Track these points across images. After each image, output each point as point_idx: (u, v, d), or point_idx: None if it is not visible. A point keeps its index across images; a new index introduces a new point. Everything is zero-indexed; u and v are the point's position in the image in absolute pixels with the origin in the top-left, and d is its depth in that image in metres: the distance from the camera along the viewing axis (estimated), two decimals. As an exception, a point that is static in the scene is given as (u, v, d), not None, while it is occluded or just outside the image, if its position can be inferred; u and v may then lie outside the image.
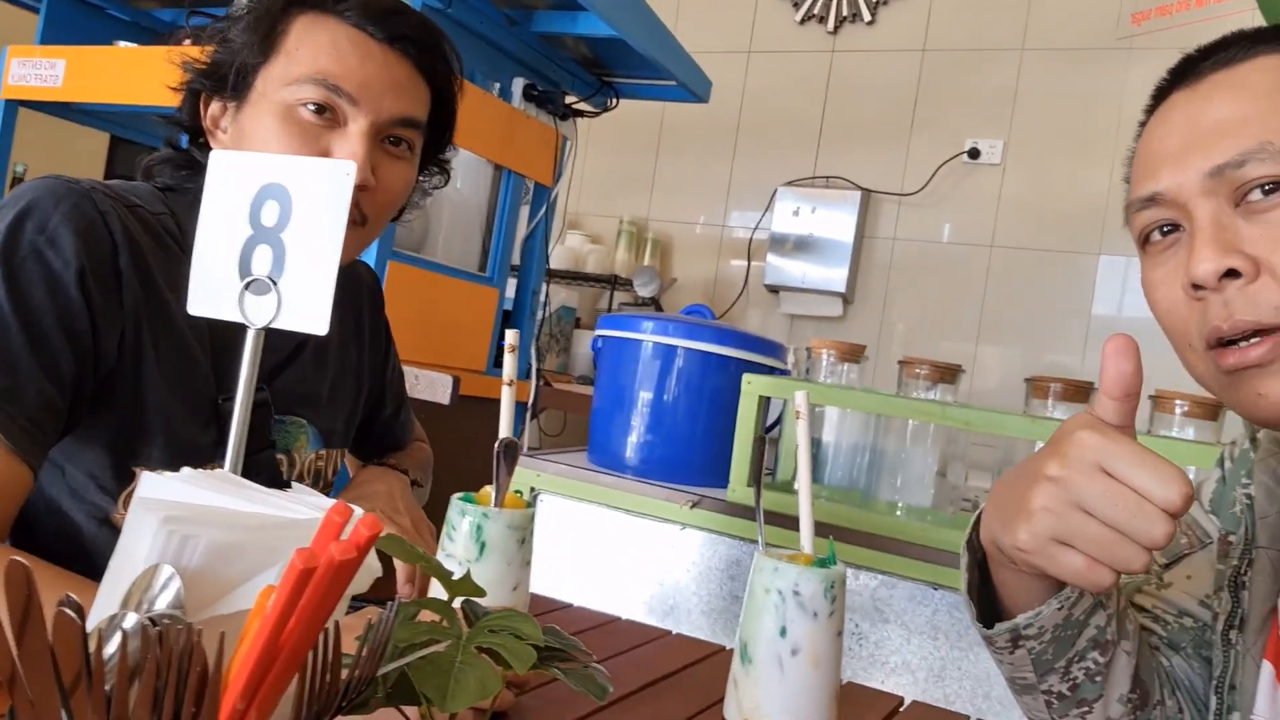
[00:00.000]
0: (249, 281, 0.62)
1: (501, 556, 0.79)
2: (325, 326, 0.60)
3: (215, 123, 1.01)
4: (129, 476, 0.95)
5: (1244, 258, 0.64)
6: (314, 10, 0.98)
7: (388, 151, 0.99)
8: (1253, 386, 0.65)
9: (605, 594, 1.79)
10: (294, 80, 0.95)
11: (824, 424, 1.80)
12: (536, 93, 2.32)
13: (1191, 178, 0.67)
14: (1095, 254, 3.35)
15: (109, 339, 0.89)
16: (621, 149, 3.88)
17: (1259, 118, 0.66)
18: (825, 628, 0.73)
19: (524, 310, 2.48)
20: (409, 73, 0.99)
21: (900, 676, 1.56)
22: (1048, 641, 0.71)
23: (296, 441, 1.08)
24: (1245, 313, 0.64)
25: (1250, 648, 0.72)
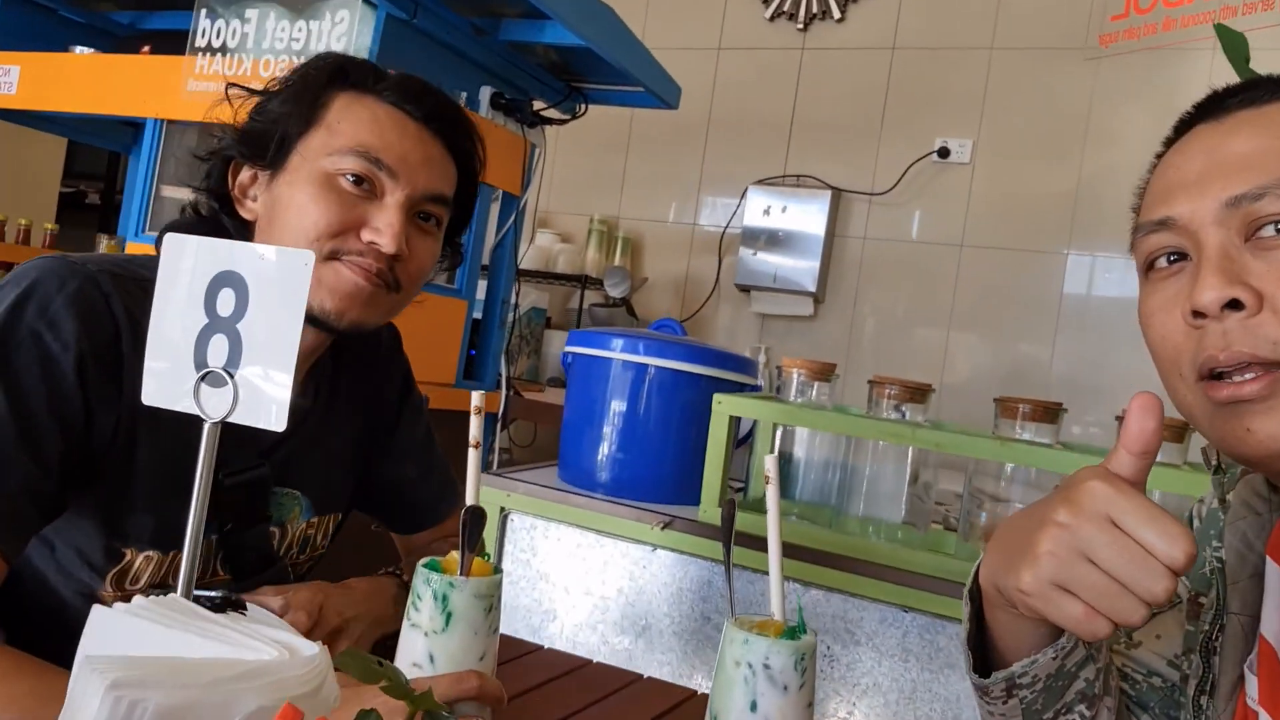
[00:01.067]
0: (205, 373, 0.60)
1: (469, 626, 0.78)
2: (284, 423, 0.59)
3: (244, 190, 1.02)
4: (118, 556, 0.95)
5: (1248, 290, 0.64)
6: (354, 89, 1.01)
7: (418, 226, 1.02)
8: (1243, 421, 0.65)
9: (578, 612, 1.78)
10: (335, 151, 0.97)
11: (795, 440, 1.79)
12: (504, 101, 2.30)
13: (1208, 205, 0.67)
14: (1064, 253, 3.37)
15: (103, 424, 0.89)
16: (591, 148, 3.86)
17: (1278, 155, 0.66)
18: (795, 701, 0.73)
19: (494, 320, 2.46)
20: (441, 151, 1.03)
21: (871, 698, 1.57)
22: (1039, 691, 0.72)
23: (290, 513, 1.07)
24: (1243, 344, 0.64)
25: (1220, 713, 0.73)
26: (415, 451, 1.23)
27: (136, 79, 2.19)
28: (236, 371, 0.59)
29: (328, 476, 1.11)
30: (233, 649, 0.44)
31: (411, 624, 0.79)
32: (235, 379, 0.59)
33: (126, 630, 0.45)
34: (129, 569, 0.95)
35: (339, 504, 1.16)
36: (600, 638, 1.77)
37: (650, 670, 1.72)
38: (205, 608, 0.88)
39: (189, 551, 0.56)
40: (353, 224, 0.97)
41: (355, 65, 1.03)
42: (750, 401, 1.72)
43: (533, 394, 2.84)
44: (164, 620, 0.45)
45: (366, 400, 1.17)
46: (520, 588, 1.84)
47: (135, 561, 0.95)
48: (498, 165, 2.32)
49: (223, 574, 1.03)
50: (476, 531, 0.79)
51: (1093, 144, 3.35)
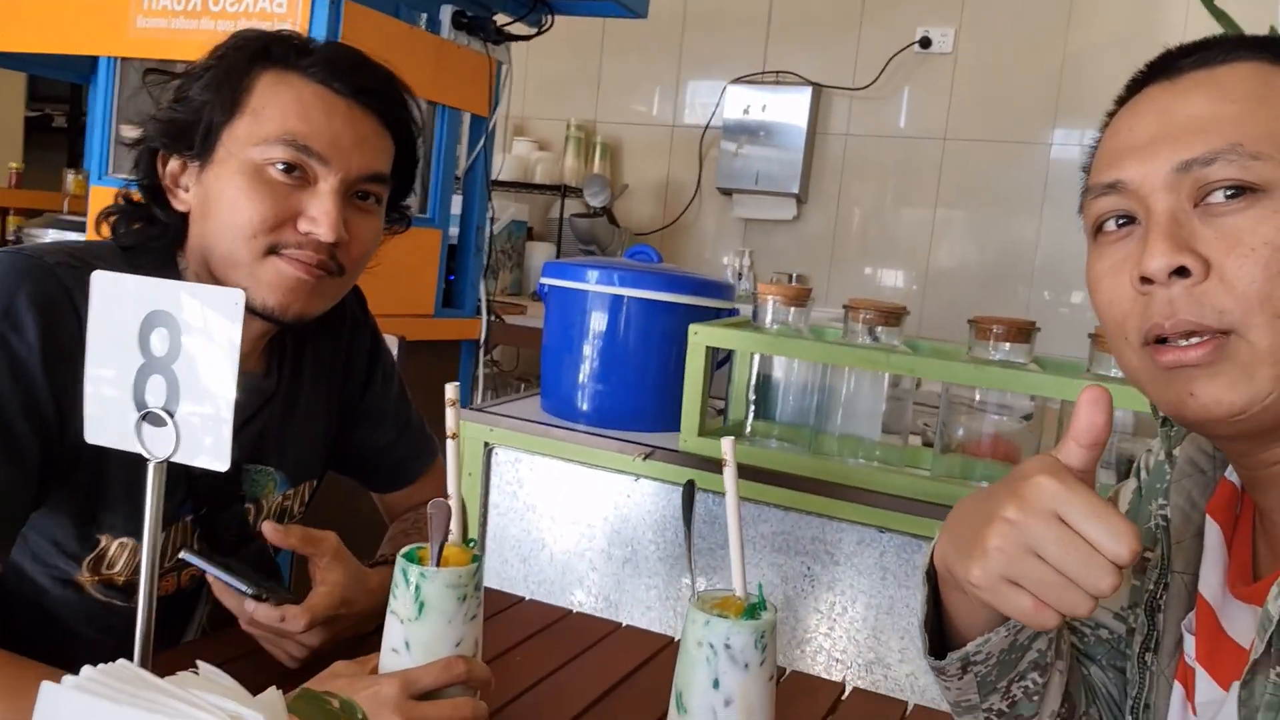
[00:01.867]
0: (145, 413, 0.60)
1: (441, 615, 0.80)
2: (227, 462, 0.59)
3: (175, 180, 1.00)
4: (93, 543, 0.96)
5: (1196, 257, 0.64)
6: (277, 67, 0.97)
7: (357, 206, 1.00)
8: (1185, 386, 0.66)
9: (566, 540, 1.82)
10: (262, 140, 0.94)
11: (773, 362, 1.80)
12: (466, 20, 2.22)
13: (1158, 170, 0.67)
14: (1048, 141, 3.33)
15: (75, 418, 0.88)
16: (565, 49, 3.75)
17: (1232, 119, 0.65)
18: (757, 677, 0.75)
19: (469, 244, 2.44)
20: (374, 127, 1.00)
21: (851, 615, 1.62)
22: (993, 665, 0.74)
23: (264, 489, 1.08)
24: (1188, 312, 0.64)
25: (1164, 669, 0.76)
26: (388, 412, 1.23)
27: (84, 15, 2.11)
28: (176, 411, 0.59)
29: (300, 448, 1.12)
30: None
31: (391, 610, 0.82)
32: (175, 419, 0.59)
33: (75, 706, 0.46)
34: (104, 555, 0.97)
35: (313, 471, 1.17)
36: (589, 564, 1.81)
37: (638, 593, 1.77)
38: (248, 595, 0.89)
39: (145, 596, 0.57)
40: (287, 215, 0.94)
41: (278, 42, 0.98)
42: (726, 332, 1.72)
43: (514, 316, 2.83)
44: (111, 696, 0.47)
45: (334, 366, 1.17)
46: (509, 519, 1.87)
47: (110, 548, 0.97)
48: (463, 87, 2.26)
49: None
50: (445, 523, 0.80)
51: (1076, 23, 3.26)
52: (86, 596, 0.98)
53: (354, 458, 1.21)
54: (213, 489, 1.02)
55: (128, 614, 1.01)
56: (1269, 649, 0.63)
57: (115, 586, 0.99)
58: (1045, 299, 3.33)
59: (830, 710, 0.99)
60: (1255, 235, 0.63)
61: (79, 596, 0.98)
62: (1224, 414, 0.65)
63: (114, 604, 0.99)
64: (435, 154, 2.24)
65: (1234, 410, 0.64)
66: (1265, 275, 0.62)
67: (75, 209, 3.23)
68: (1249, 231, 0.63)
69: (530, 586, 1.85)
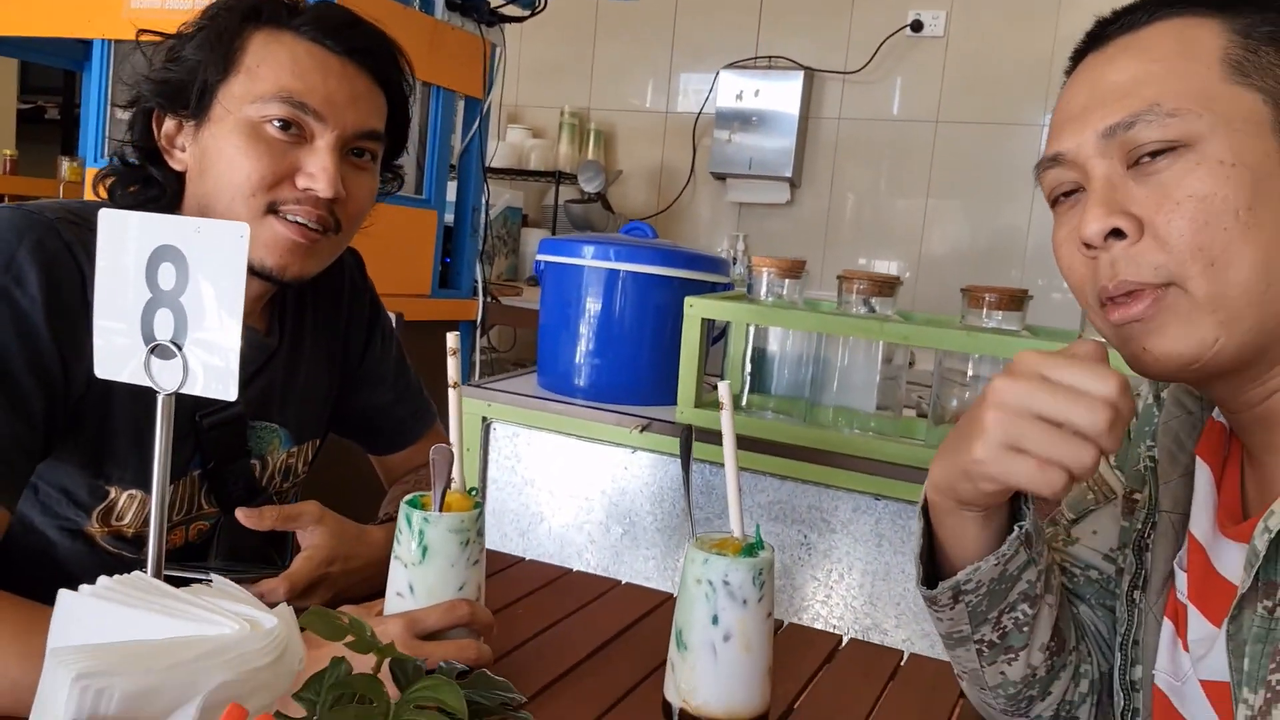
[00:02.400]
0: (154, 346, 0.61)
1: (444, 559, 0.81)
2: (235, 392, 0.60)
3: (171, 141, 1.00)
4: (102, 494, 0.97)
5: (1129, 219, 0.67)
6: (270, 26, 0.98)
7: (353, 163, 1.01)
8: (1139, 342, 0.68)
9: (565, 514, 1.83)
10: (258, 98, 0.95)
11: (768, 335, 1.82)
12: (460, 1, 2.23)
13: (1089, 138, 0.70)
14: (1040, 123, 3.34)
15: (79, 371, 0.90)
16: (557, 36, 3.76)
17: (1152, 80, 0.67)
18: (755, 613, 0.77)
19: (465, 226, 2.45)
20: (368, 84, 1.01)
21: (848, 581, 1.64)
22: (984, 595, 0.76)
23: (269, 445, 1.09)
24: (1128, 272, 0.67)
25: (1152, 606, 0.77)
26: (388, 375, 1.25)
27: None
28: (184, 344, 0.60)
29: (303, 407, 1.14)
30: (195, 625, 0.46)
31: (395, 555, 0.83)
32: (183, 351, 0.60)
33: (92, 613, 0.48)
34: (114, 506, 0.98)
35: (316, 431, 1.18)
36: (587, 537, 1.83)
37: (636, 564, 1.78)
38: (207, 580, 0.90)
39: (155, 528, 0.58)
40: (285, 172, 0.96)
41: (268, 1, 0.99)
42: (722, 304, 1.73)
43: (510, 298, 2.85)
44: (127, 601, 0.48)
45: (334, 328, 1.18)
46: (507, 493, 1.89)
47: (119, 500, 0.98)
48: (458, 68, 2.27)
49: (208, 507, 1.06)
50: (447, 469, 0.81)
51: (1067, 5, 3.27)
52: (96, 548, 0.99)
53: (355, 419, 1.23)
54: (220, 443, 1.03)
55: (136, 565, 1.02)
56: (1255, 583, 0.65)
57: (124, 538, 1.00)
58: (1039, 285, 3.34)
59: (828, 658, 1.00)
60: (1181, 189, 0.65)
61: (89, 548, 0.99)
62: (1176, 365, 0.68)
63: (123, 555, 1.00)
64: (430, 135, 2.25)
65: (1185, 360, 0.67)
66: (1193, 227, 0.65)
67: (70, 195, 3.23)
68: (1175, 186, 0.66)
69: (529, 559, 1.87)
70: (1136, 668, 0.78)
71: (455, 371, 0.81)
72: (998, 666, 0.80)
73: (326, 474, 1.23)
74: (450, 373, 0.81)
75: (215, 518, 1.07)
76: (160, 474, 0.62)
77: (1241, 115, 0.65)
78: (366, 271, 1.25)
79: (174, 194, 1.02)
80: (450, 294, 2.40)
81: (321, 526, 0.99)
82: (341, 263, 1.20)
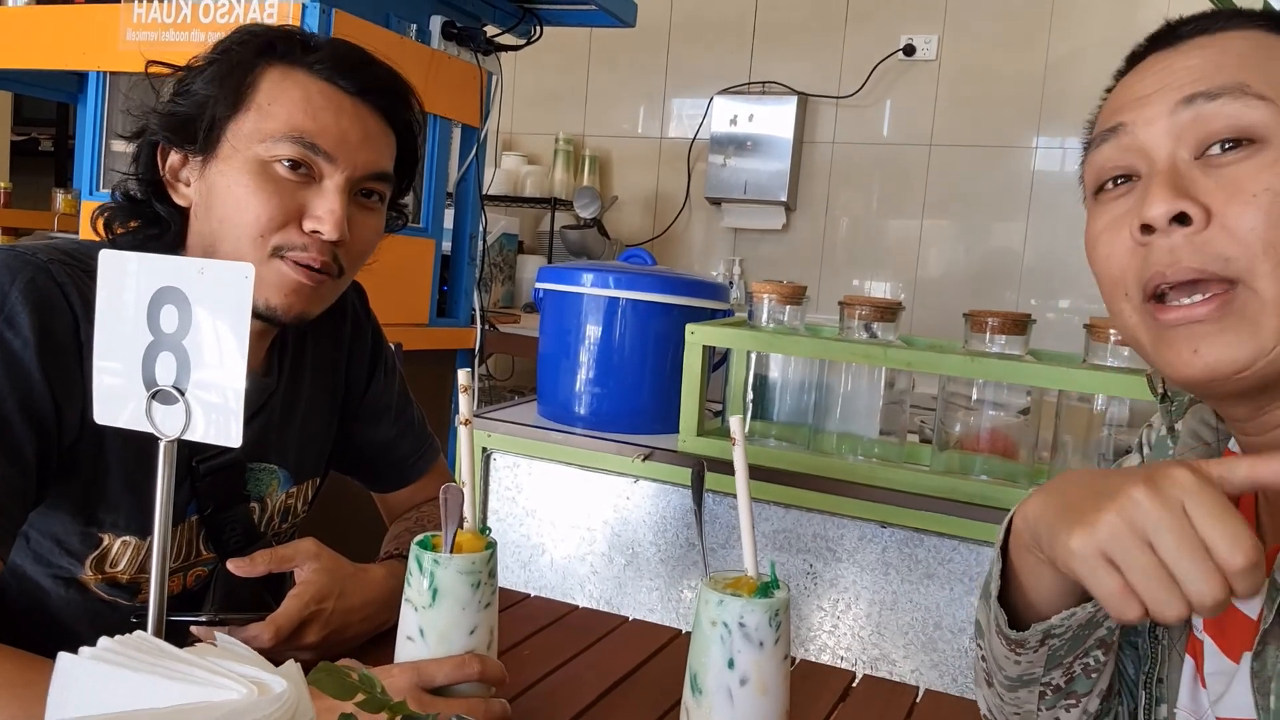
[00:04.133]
0: (155, 391, 0.59)
1: (455, 602, 0.79)
2: (239, 439, 0.59)
3: (175, 174, 0.99)
4: (95, 542, 0.95)
5: (1197, 205, 0.63)
6: (284, 63, 0.96)
7: (360, 204, 0.99)
8: (1189, 343, 0.65)
9: (567, 545, 1.81)
10: (269, 136, 0.94)
11: (769, 362, 1.81)
12: (456, 30, 2.23)
13: (1160, 111, 0.66)
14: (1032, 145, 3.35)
15: (71, 414, 0.88)
16: (552, 64, 3.77)
17: (1232, 68, 0.65)
18: (772, 655, 0.75)
19: (463, 254, 2.43)
20: (379, 125, 0.99)
21: (855, 611, 1.62)
22: (1069, 639, 0.71)
23: (268, 487, 1.08)
24: (1191, 259, 0.63)
25: (1175, 643, 0.75)
26: (391, 411, 1.23)
27: (72, 30, 2.11)
28: (186, 388, 0.59)
29: (302, 446, 1.12)
30: (201, 689, 0.45)
31: (405, 598, 0.81)
32: (186, 396, 0.59)
33: (92, 677, 0.46)
34: (107, 554, 0.96)
35: (316, 469, 1.16)
36: (589, 568, 1.81)
37: (639, 595, 1.76)
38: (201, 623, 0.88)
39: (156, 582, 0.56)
40: (294, 214, 0.94)
41: (283, 37, 0.98)
42: (723, 330, 1.72)
43: (508, 325, 2.83)
44: (129, 664, 0.46)
45: (335, 363, 1.17)
46: (508, 524, 1.86)
47: (114, 547, 0.96)
48: (454, 97, 2.26)
49: (206, 553, 1.04)
50: (458, 508, 0.79)
51: (1058, 29, 3.29)
52: (90, 596, 0.97)
53: (356, 456, 1.21)
54: (217, 487, 1.01)
55: (131, 613, 1.00)
56: (1278, 617, 0.63)
57: (119, 585, 0.98)
58: (1032, 304, 3.34)
59: (841, 697, 0.98)
60: (1256, 182, 0.62)
61: (82, 597, 0.97)
62: (1228, 371, 0.64)
63: (118, 603, 0.98)
64: (428, 164, 2.24)
65: (1237, 366, 0.64)
66: (1267, 222, 0.62)
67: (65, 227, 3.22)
68: (1249, 179, 0.63)
69: (531, 591, 1.84)
70: (1161, 706, 0.76)
71: (468, 409, 0.80)
72: (1054, 711, 0.76)
73: (326, 513, 1.21)
74: (462, 410, 0.79)
75: (213, 563, 1.04)
76: (162, 524, 0.61)
77: None
78: (369, 303, 1.24)
79: (177, 231, 1.00)
80: (448, 323, 2.39)
81: (314, 562, 0.96)
82: (343, 296, 1.19)
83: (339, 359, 1.17)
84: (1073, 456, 1.58)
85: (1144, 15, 3.20)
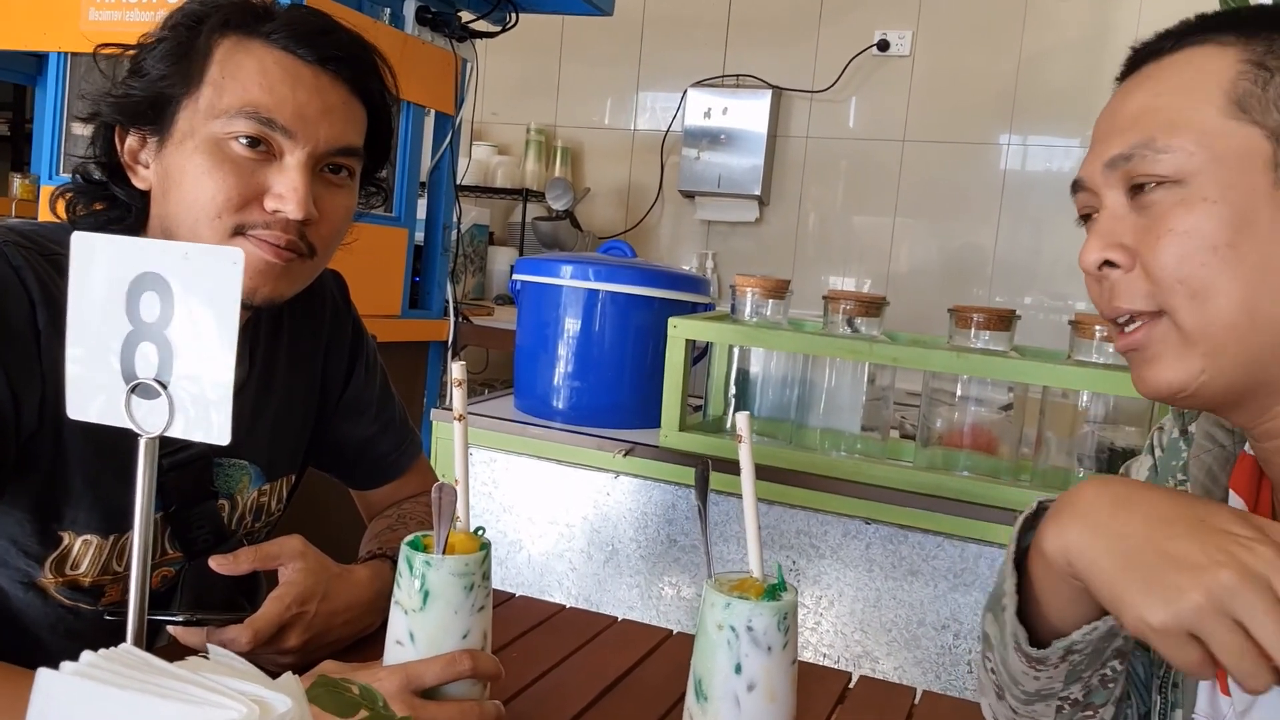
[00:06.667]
0: (135, 385, 0.55)
1: (447, 605, 0.76)
2: (227, 436, 0.55)
3: (134, 157, 0.94)
4: (55, 541, 0.90)
5: (1122, 250, 0.69)
6: (237, 34, 0.90)
7: (328, 181, 0.94)
8: (1136, 368, 0.71)
9: (545, 541, 1.78)
10: (223, 113, 0.88)
11: (751, 356, 1.78)
12: (430, 15, 2.18)
13: (1097, 168, 0.72)
14: (1003, 142, 3.36)
15: (29, 404, 0.84)
16: (523, 53, 3.71)
17: (1153, 114, 0.69)
18: (780, 660, 0.72)
19: (436, 244, 2.39)
20: (343, 96, 0.93)
21: (838, 608, 1.60)
22: (1089, 654, 0.70)
23: (239, 484, 1.03)
24: (1120, 299, 0.69)
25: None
26: (371, 406, 1.18)
27: (32, 10, 2.04)
28: (170, 382, 0.55)
29: (276, 441, 1.07)
30: (197, 709, 0.41)
31: (395, 601, 0.77)
32: (169, 390, 0.55)
33: (76, 696, 0.42)
34: (68, 555, 0.91)
35: (291, 466, 1.12)
36: (568, 565, 1.77)
37: (619, 593, 1.73)
38: (178, 623, 0.84)
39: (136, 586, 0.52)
40: (253, 193, 0.89)
41: (235, 7, 0.92)
42: (706, 324, 1.70)
43: (481, 318, 2.79)
44: (117, 681, 0.42)
45: (312, 356, 1.12)
46: (485, 520, 1.83)
47: (74, 546, 0.91)
48: (429, 84, 2.21)
49: (172, 551, 0.99)
50: (450, 508, 0.76)
51: (1031, 26, 3.30)
52: (50, 600, 0.92)
53: (334, 452, 1.16)
54: (182, 484, 0.96)
55: (94, 617, 0.95)
56: None
57: (81, 588, 0.93)
58: (997, 301, 3.35)
59: (840, 699, 0.96)
60: (1165, 222, 0.67)
61: (42, 601, 0.92)
62: (1167, 393, 0.69)
63: (80, 607, 0.94)
64: (400, 153, 2.19)
65: (1174, 388, 0.68)
66: (1175, 260, 0.66)
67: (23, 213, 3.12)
68: (1162, 219, 0.67)
69: (508, 589, 1.80)
70: (1177, 712, 0.74)
71: (461, 404, 0.76)
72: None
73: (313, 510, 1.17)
74: (455, 405, 0.76)
75: (180, 563, 1.00)
76: (142, 526, 0.57)
77: (1235, 152, 0.66)
78: (349, 294, 1.19)
79: (138, 214, 0.95)
80: (421, 314, 2.34)
81: (298, 561, 0.92)
82: (322, 285, 1.14)
83: (317, 351, 1.12)
84: (1056, 453, 1.58)
85: (1116, 15, 3.22)
